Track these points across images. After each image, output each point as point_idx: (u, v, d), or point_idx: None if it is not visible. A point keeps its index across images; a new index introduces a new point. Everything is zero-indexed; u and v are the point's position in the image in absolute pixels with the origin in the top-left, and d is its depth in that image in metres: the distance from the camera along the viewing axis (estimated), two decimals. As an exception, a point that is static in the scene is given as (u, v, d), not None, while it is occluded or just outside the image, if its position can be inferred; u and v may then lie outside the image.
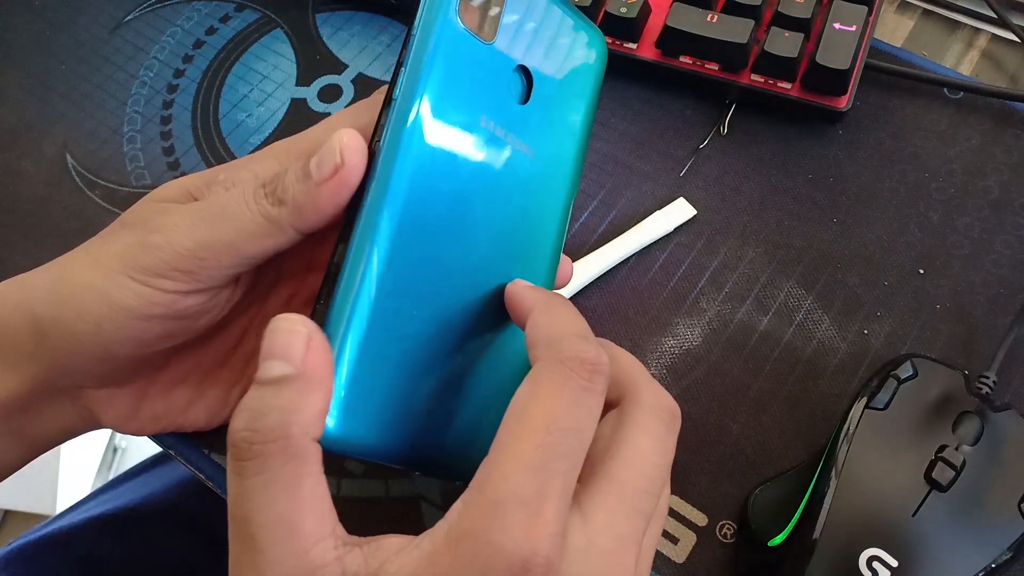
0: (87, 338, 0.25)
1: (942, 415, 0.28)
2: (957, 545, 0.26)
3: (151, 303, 0.25)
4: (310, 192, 0.24)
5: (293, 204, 0.24)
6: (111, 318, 0.25)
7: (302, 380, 0.21)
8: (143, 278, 0.25)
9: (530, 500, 0.20)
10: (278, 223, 0.24)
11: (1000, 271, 0.34)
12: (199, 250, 0.24)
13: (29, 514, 1.13)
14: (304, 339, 0.22)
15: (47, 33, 0.45)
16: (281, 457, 0.21)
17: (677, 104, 0.39)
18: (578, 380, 0.21)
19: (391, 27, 0.43)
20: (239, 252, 0.25)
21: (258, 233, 0.24)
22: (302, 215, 0.24)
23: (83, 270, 0.26)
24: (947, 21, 0.41)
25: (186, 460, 0.32)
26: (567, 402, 0.21)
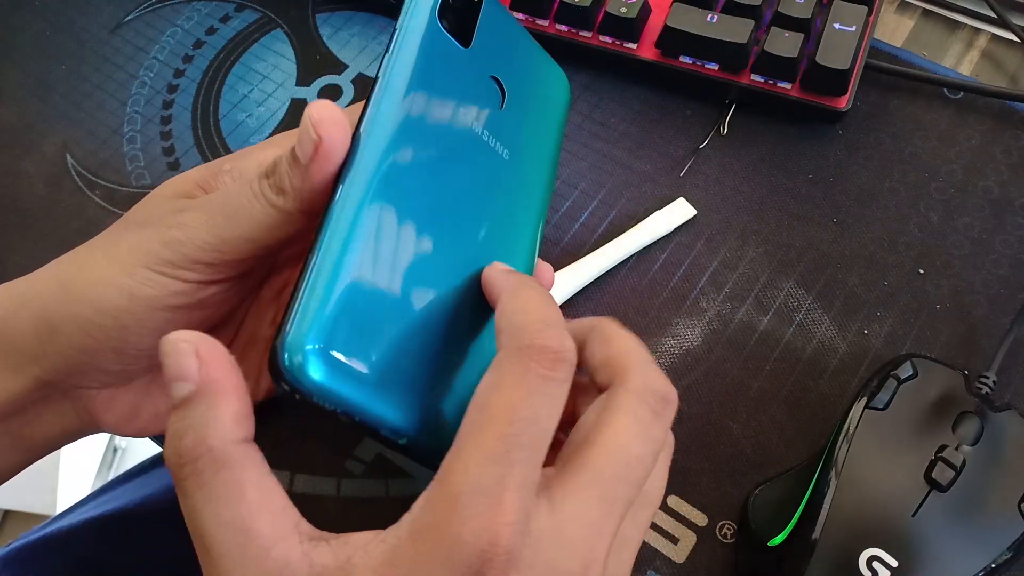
0: (107, 332, 0.26)
1: (942, 415, 0.28)
2: (957, 545, 0.26)
3: (174, 293, 0.26)
4: (303, 175, 0.24)
5: (293, 190, 0.25)
6: (131, 311, 0.25)
7: (204, 393, 0.22)
8: (165, 269, 0.25)
9: (490, 491, 0.20)
10: (286, 211, 0.25)
11: (1000, 271, 0.34)
12: (220, 244, 0.25)
13: (29, 514, 1.13)
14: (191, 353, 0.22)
15: (47, 33, 0.45)
16: (211, 470, 0.21)
17: (677, 104, 0.39)
18: (539, 369, 0.21)
19: (391, 27, 0.43)
20: (258, 243, 0.26)
21: (272, 224, 0.25)
22: (303, 199, 0.25)
23: (97, 267, 0.26)
24: (947, 21, 0.41)
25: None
26: (527, 392, 0.21)
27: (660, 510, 0.31)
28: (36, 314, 0.27)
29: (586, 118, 0.39)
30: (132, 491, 0.52)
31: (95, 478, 1.12)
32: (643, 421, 0.22)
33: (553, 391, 0.21)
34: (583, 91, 0.40)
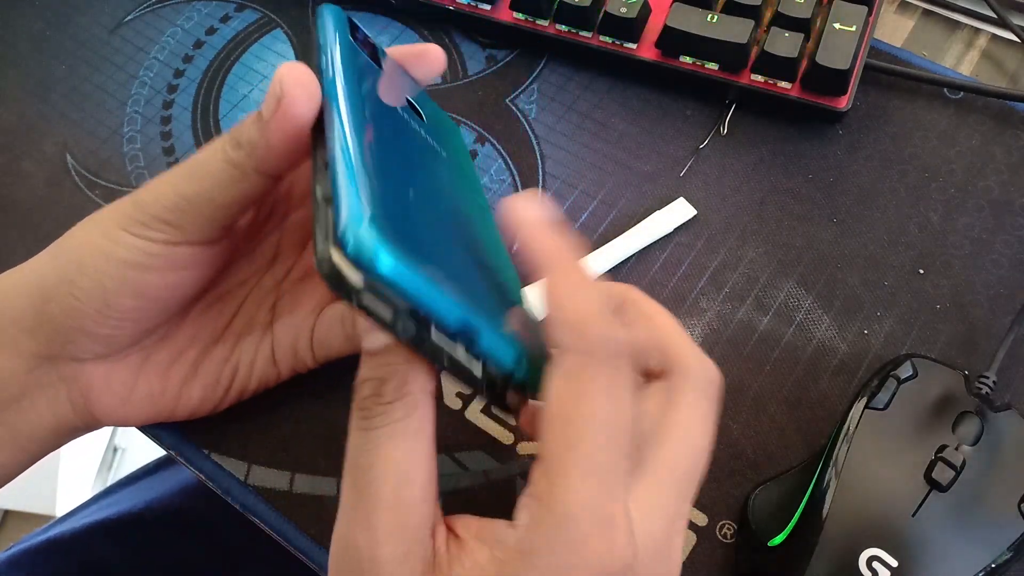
0: (89, 292, 0.27)
1: (942, 415, 0.28)
2: (957, 545, 0.26)
3: (145, 253, 0.26)
4: (262, 131, 0.25)
5: (248, 145, 0.25)
6: (109, 271, 0.26)
7: None
8: (135, 230, 0.26)
9: (601, 508, 0.20)
10: (240, 166, 0.26)
11: (1000, 271, 0.34)
12: (180, 202, 0.26)
13: (29, 514, 1.13)
14: None
15: (47, 33, 0.45)
16: (403, 411, 0.22)
17: (677, 104, 0.39)
18: (610, 371, 0.21)
19: (391, 27, 0.43)
20: (215, 202, 0.26)
21: (226, 180, 0.26)
22: (257, 154, 0.25)
23: (83, 233, 0.27)
24: (947, 21, 0.41)
25: (187, 461, 0.32)
26: (607, 397, 0.21)
27: (660, 510, 0.31)
28: (32, 288, 0.28)
29: (586, 118, 0.39)
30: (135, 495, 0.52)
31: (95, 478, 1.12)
32: (707, 415, 0.23)
33: (627, 388, 0.21)
34: (583, 91, 0.40)
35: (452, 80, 0.41)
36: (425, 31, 0.43)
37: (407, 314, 0.21)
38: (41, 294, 0.27)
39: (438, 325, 0.21)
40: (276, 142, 0.25)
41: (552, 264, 0.22)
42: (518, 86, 0.41)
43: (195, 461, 0.32)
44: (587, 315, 0.21)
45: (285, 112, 0.24)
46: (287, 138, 0.25)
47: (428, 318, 0.21)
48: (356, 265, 0.20)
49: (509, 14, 0.40)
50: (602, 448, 0.20)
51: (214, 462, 0.32)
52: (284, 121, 0.24)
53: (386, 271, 0.19)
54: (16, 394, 0.28)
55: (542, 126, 0.39)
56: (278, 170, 0.26)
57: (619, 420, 0.21)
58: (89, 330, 0.27)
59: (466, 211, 0.27)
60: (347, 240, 0.19)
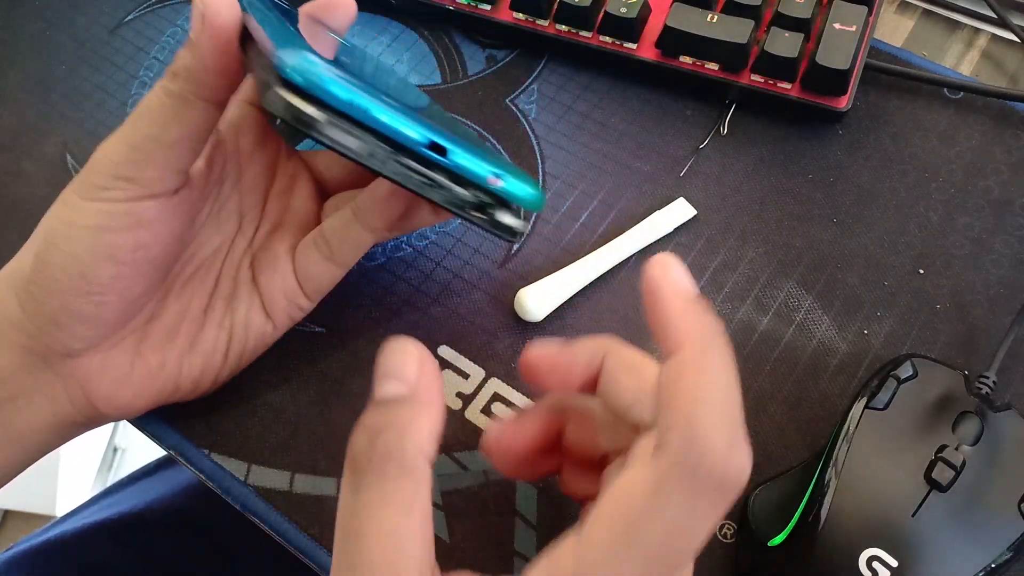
0: (63, 267, 0.26)
1: (942, 415, 0.28)
2: (957, 545, 0.26)
3: (107, 215, 0.26)
4: (194, 53, 0.25)
5: (185, 71, 0.26)
6: (78, 240, 0.26)
7: (415, 400, 0.22)
8: (92, 194, 0.26)
9: None
10: (181, 96, 0.26)
11: (1000, 271, 0.34)
12: (130, 152, 0.26)
13: (29, 514, 1.13)
14: (417, 360, 0.23)
15: (47, 33, 0.45)
16: (396, 472, 0.21)
17: (677, 104, 0.39)
18: (709, 508, 0.19)
19: (391, 27, 0.43)
20: (162, 141, 0.26)
21: (169, 115, 0.26)
22: (195, 78, 0.25)
23: (49, 213, 0.28)
24: (947, 21, 0.41)
25: (187, 460, 0.32)
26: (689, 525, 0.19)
27: (660, 510, 0.31)
28: (15, 281, 0.28)
29: (586, 118, 0.39)
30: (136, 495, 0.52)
31: (95, 478, 1.12)
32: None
33: (715, 521, 0.19)
34: (583, 91, 0.40)
35: (452, 80, 0.41)
36: (425, 31, 0.43)
37: (371, 136, 0.22)
38: (20, 286, 0.27)
39: (405, 142, 0.22)
40: (209, 60, 0.25)
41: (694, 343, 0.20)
42: (518, 86, 0.41)
43: (195, 461, 0.32)
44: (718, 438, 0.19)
45: (211, 24, 0.25)
46: (219, 52, 0.25)
47: (393, 137, 0.22)
48: (310, 98, 0.21)
49: (509, 14, 0.40)
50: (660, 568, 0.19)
51: (214, 462, 0.32)
52: (213, 34, 0.25)
53: (338, 93, 0.21)
54: (12, 393, 0.28)
55: (542, 126, 0.39)
56: (217, 91, 0.26)
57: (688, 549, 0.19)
58: (72, 308, 0.27)
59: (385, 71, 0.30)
60: (295, 77, 0.21)
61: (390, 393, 0.22)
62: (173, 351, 0.30)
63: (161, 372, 0.30)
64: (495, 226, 0.25)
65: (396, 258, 0.36)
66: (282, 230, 0.32)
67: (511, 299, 0.35)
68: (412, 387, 0.22)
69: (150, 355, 0.30)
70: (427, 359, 0.23)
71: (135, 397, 0.30)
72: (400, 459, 0.21)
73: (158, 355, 0.30)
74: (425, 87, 0.41)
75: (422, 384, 0.22)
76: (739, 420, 0.19)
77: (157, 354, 0.30)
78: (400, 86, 0.32)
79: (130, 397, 0.30)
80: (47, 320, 0.27)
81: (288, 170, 0.33)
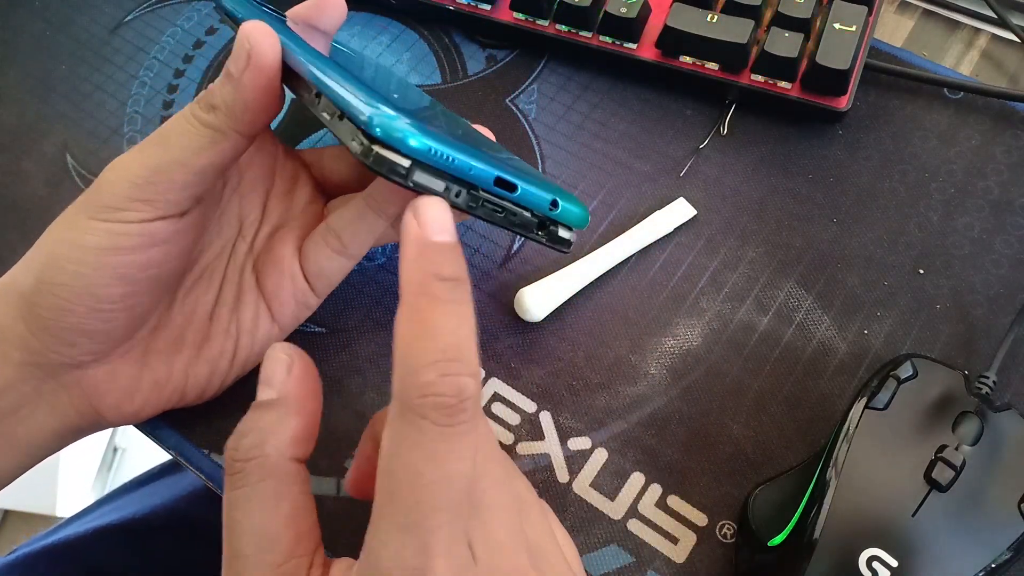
0: (72, 289, 0.26)
1: (942, 415, 0.28)
2: (957, 545, 0.26)
3: (119, 235, 0.26)
4: (236, 89, 0.25)
5: (225, 105, 0.26)
6: (86, 260, 0.26)
7: (281, 405, 0.23)
8: (105, 215, 0.26)
9: (414, 563, 0.19)
10: (218, 128, 0.26)
11: (1000, 271, 0.34)
12: (151, 175, 0.26)
13: (29, 514, 1.13)
14: (285, 366, 0.24)
15: (47, 33, 0.45)
16: (258, 474, 0.23)
17: (677, 104, 0.39)
18: (434, 428, 0.19)
19: (391, 27, 0.43)
20: (189, 167, 0.26)
21: (203, 144, 0.26)
22: (235, 113, 0.26)
23: (52, 232, 0.27)
24: (947, 21, 0.41)
25: (187, 461, 0.32)
26: (427, 454, 0.19)
27: (660, 510, 0.31)
28: (12, 299, 0.27)
29: (586, 118, 0.39)
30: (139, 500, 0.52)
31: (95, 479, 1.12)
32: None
33: (457, 445, 0.20)
34: (583, 91, 0.40)
35: (452, 80, 0.41)
36: (425, 31, 0.43)
37: (452, 180, 0.24)
38: (22, 303, 0.27)
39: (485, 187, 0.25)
40: (252, 98, 0.25)
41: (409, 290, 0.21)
42: (518, 86, 0.41)
43: (195, 461, 0.32)
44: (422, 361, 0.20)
45: (257, 64, 0.25)
46: (261, 90, 0.25)
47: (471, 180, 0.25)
48: (400, 150, 0.23)
49: (509, 14, 0.40)
50: (420, 505, 0.19)
51: (214, 462, 0.32)
52: (258, 73, 0.25)
53: (424, 146, 0.23)
54: (14, 404, 0.28)
55: (542, 126, 0.39)
56: (255, 126, 0.26)
57: (446, 478, 0.20)
58: (83, 327, 0.27)
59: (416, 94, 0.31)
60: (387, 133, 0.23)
61: (261, 398, 0.23)
62: (179, 360, 0.30)
63: (168, 381, 0.30)
64: (553, 240, 0.28)
65: (396, 258, 0.36)
66: (285, 232, 0.32)
67: (511, 299, 0.35)
68: (281, 393, 0.23)
69: (157, 364, 0.30)
70: (300, 365, 0.24)
71: (142, 405, 0.30)
72: (261, 461, 0.23)
73: (165, 364, 0.30)
74: (425, 87, 0.41)
75: (290, 390, 0.23)
76: (454, 349, 0.20)
77: (164, 363, 0.30)
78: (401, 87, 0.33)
79: (137, 406, 0.30)
80: (54, 338, 0.27)
81: (288, 171, 0.33)
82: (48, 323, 0.27)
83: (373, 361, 0.34)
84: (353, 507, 0.31)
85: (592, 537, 0.30)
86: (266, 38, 0.25)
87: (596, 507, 0.31)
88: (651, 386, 0.33)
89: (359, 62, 0.33)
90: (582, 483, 0.31)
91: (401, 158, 0.23)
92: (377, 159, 0.23)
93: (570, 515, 0.31)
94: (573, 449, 0.32)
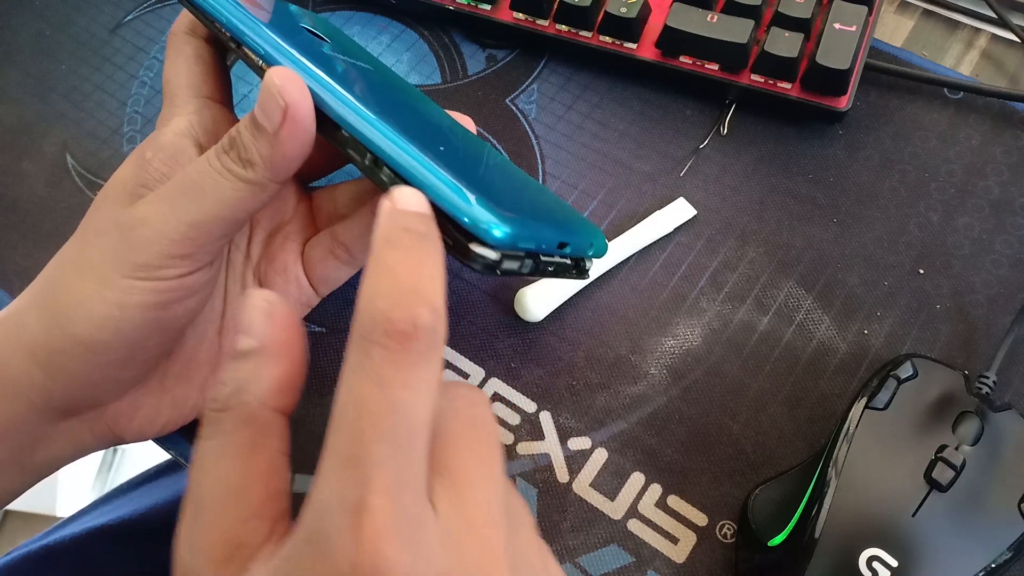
0: (109, 346, 0.26)
1: (942, 415, 0.28)
2: (957, 545, 0.26)
3: (159, 291, 0.25)
4: (272, 144, 0.24)
5: (262, 161, 0.25)
6: (126, 318, 0.25)
7: (260, 352, 0.21)
8: (144, 274, 0.25)
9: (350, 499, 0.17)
10: (257, 183, 0.25)
11: (1000, 271, 0.34)
12: (190, 231, 0.25)
13: (29, 514, 1.13)
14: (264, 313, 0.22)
15: (47, 33, 0.45)
16: (234, 423, 0.21)
17: (677, 104, 0.39)
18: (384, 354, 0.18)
19: (391, 27, 0.43)
20: (229, 221, 0.25)
21: (242, 199, 0.25)
22: (274, 168, 0.25)
23: (77, 286, 0.26)
24: (947, 21, 0.41)
25: (187, 461, 0.32)
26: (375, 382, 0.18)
27: (660, 510, 0.31)
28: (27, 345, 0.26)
29: (586, 118, 0.39)
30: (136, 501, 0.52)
31: (95, 478, 1.12)
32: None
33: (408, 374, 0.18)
34: (583, 91, 0.40)
35: (452, 80, 0.41)
36: (425, 31, 0.43)
37: (526, 256, 0.25)
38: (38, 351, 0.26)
39: (546, 252, 0.26)
40: (289, 150, 0.25)
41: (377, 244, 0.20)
42: (518, 86, 0.41)
43: (195, 461, 0.32)
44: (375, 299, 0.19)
45: (295, 118, 0.24)
46: (300, 143, 0.25)
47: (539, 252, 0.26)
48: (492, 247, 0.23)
49: (509, 14, 0.40)
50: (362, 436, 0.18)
51: (214, 462, 0.32)
52: (295, 127, 0.24)
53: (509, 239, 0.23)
54: (32, 440, 0.28)
55: (542, 126, 0.39)
56: (291, 172, 0.26)
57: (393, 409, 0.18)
58: (116, 377, 0.27)
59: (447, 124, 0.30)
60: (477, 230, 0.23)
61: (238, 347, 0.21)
62: (196, 378, 0.30)
63: (187, 400, 0.30)
64: (581, 274, 0.29)
65: (396, 258, 0.36)
66: (283, 238, 0.32)
67: (511, 299, 0.35)
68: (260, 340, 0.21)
69: (175, 388, 0.30)
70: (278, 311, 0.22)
71: (163, 426, 0.30)
72: (238, 411, 0.21)
73: (183, 386, 0.30)
74: (425, 87, 0.41)
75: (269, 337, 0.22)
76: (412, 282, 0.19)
77: (181, 386, 0.30)
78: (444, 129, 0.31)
79: (158, 427, 0.30)
80: (77, 386, 0.26)
81: None
82: (78, 376, 0.26)
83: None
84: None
85: (592, 537, 0.30)
86: (297, 88, 0.24)
87: (596, 507, 0.31)
88: (651, 386, 0.33)
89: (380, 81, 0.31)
90: (582, 483, 0.31)
91: (491, 252, 0.23)
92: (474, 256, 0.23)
93: (570, 515, 0.31)
94: (573, 449, 0.32)
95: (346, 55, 0.31)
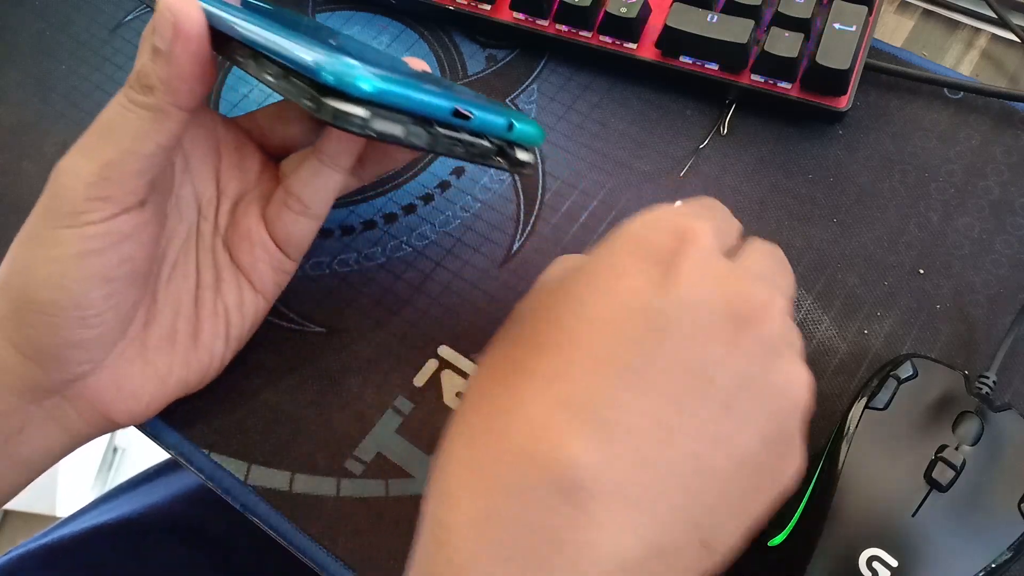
0: (57, 302, 0.26)
1: (942, 415, 0.28)
2: (957, 545, 0.26)
3: (90, 238, 0.26)
4: (168, 63, 0.25)
5: (161, 84, 0.25)
6: (67, 272, 0.26)
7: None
8: (70, 221, 0.25)
9: None
10: (159, 107, 0.25)
11: (1000, 271, 0.34)
12: (104, 171, 0.25)
13: (29, 514, 1.13)
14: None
15: (47, 33, 0.45)
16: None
17: (677, 104, 0.39)
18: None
19: (391, 27, 0.43)
20: (139, 154, 0.26)
21: (148, 127, 0.25)
22: (172, 88, 0.25)
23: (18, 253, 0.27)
24: (947, 21, 0.41)
25: (187, 460, 0.32)
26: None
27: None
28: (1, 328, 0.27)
29: (586, 118, 0.39)
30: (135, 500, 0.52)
31: (95, 478, 1.12)
32: None
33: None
34: (583, 91, 0.40)
35: (452, 80, 0.41)
36: (425, 31, 0.43)
37: (412, 121, 0.24)
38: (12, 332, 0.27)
39: (441, 122, 0.25)
40: (187, 69, 0.25)
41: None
42: (518, 86, 0.41)
43: (195, 461, 0.32)
44: None
45: (186, 33, 0.25)
46: (196, 60, 0.25)
47: (430, 116, 0.24)
48: (356, 100, 0.23)
49: (509, 14, 0.40)
50: None
51: (214, 462, 0.32)
52: (187, 42, 0.25)
53: (378, 92, 0.23)
54: (19, 426, 0.28)
55: (542, 126, 0.39)
56: (195, 97, 0.26)
57: None
58: (72, 339, 0.27)
59: None
60: (340, 79, 0.22)
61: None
62: (177, 350, 0.30)
63: (170, 373, 0.30)
64: (514, 165, 0.28)
65: (396, 258, 0.36)
66: (246, 204, 0.32)
67: (511, 299, 0.35)
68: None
69: (156, 359, 0.30)
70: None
71: (149, 402, 0.30)
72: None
73: (163, 358, 0.30)
74: (425, 87, 0.41)
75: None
76: None
77: (162, 357, 0.30)
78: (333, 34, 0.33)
79: (144, 403, 0.30)
80: (50, 356, 0.27)
81: (231, 142, 0.32)
82: (42, 343, 0.26)
83: (373, 361, 0.34)
84: (353, 507, 0.31)
85: (592, 537, 0.30)
86: (187, 4, 0.25)
87: (596, 507, 0.31)
88: (651, 386, 0.33)
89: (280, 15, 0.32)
90: (582, 483, 0.31)
91: (358, 107, 0.23)
92: (336, 114, 0.23)
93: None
94: (573, 449, 0.32)
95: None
